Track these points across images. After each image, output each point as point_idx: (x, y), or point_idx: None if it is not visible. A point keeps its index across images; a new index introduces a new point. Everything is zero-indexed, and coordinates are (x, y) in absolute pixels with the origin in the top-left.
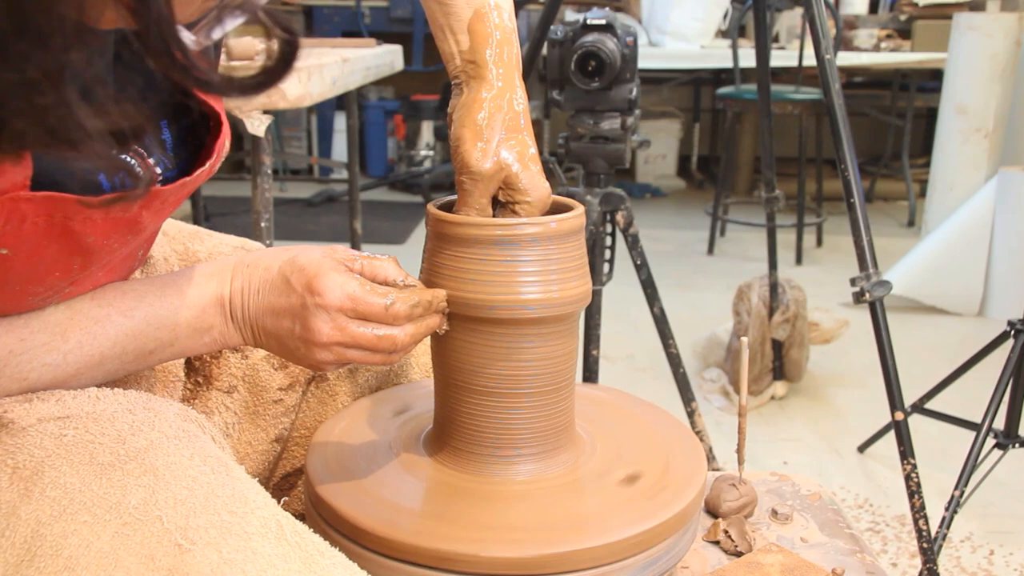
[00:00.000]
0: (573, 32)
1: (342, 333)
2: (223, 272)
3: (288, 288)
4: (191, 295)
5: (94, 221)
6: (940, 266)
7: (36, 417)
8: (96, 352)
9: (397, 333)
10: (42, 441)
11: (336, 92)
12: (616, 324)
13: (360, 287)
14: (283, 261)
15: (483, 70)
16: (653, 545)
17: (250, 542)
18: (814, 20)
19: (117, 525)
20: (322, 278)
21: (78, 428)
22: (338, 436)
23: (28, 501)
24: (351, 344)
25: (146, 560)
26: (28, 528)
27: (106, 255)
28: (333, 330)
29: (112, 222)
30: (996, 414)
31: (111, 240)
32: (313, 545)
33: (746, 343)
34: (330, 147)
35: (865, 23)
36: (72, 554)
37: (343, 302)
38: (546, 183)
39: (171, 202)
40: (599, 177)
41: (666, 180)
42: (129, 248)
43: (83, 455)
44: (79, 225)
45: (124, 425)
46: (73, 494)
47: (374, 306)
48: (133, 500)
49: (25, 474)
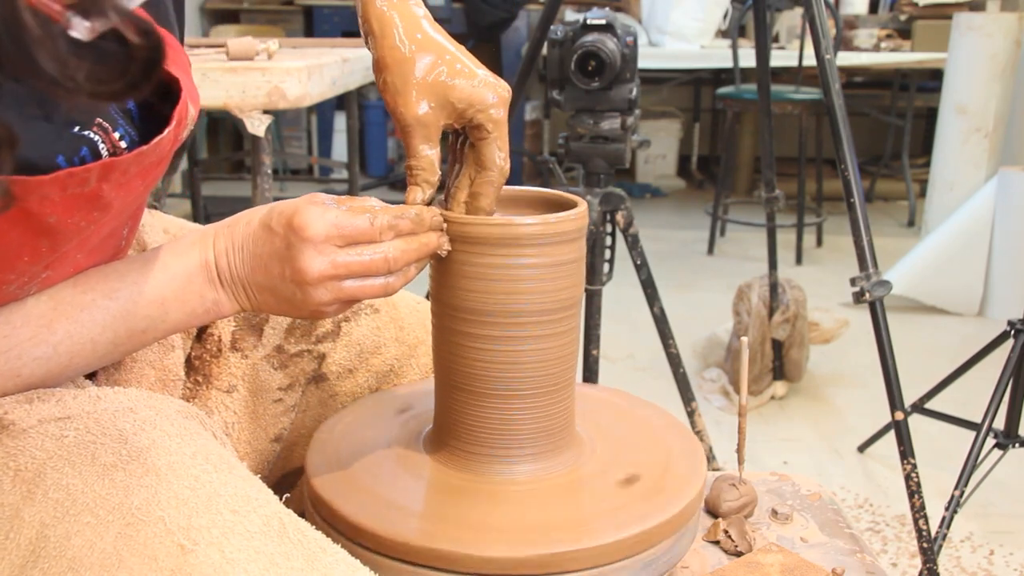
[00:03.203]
0: (573, 32)
1: (333, 265)
2: (204, 238)
3: (270, 234)
4: (175, 266)
5: (51, 200)
6: (940, 266)
7: (37, 418)
8: (87, 339)
9: (388, 250)
10: (43, 443)
11: (336, 92)
12: (616, 324)
13: (341, 213)
14: (263, 212)
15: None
16: (652, 545)
17: (252, 541)
18: (814, 20)
19: (120, 526)
20: (302, 213)
21: (79, 428)
22: (338, 436)
23: (31, 503)
24: (344, 274)
25: (149, 561)
26: (32, 530)
27: (75, 234)
28: (323, 264)
29: (71, 199)
30: (996, 414)
31: (75, 218)
32: (315, 542)
33: (746, 343)
34: (330, 147)
35: (865, 23)
36: (76, 555)
37: (328, 231)
38: (487, 74)
39: (133, 173)
40: (599, 177)
41: (666, 180)
42: (102, 227)
43: (85, 456)
44: (35, 205)
45: (126, 424)
46: (76, 495)
47: (359, 226)
48: (136, 501)
49: (27, 476)
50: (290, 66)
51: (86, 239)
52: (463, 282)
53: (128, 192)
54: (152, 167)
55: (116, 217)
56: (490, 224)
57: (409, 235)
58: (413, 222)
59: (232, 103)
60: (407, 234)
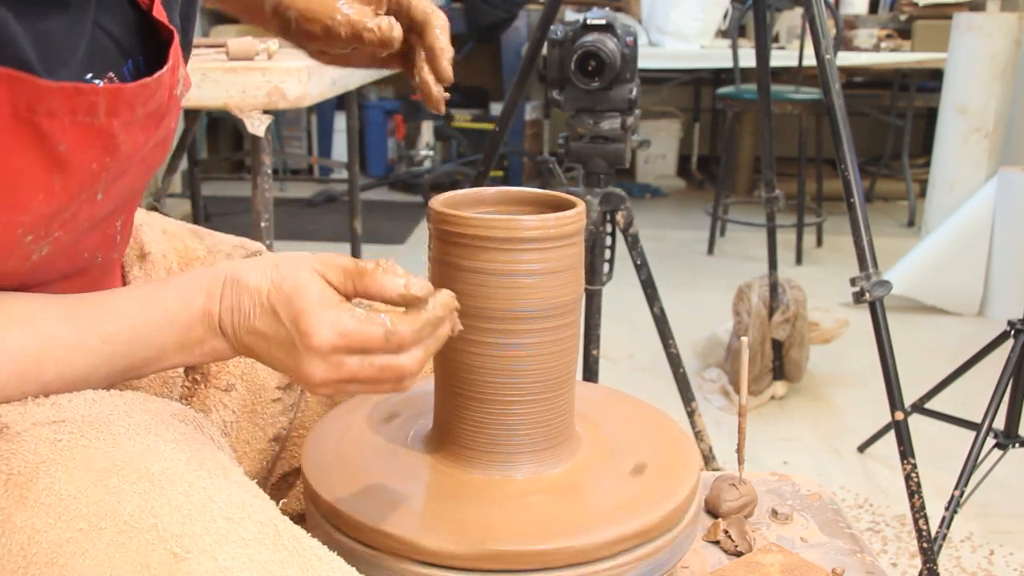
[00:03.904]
0: (573, 32)
1: (338, 371)
2: (212, 288)
3: (276, 321)
4: (176, 312)
5: (61, 121)
6: (940, 266)
7: (31, 421)
8: (79, 378)
9: (403, 360)
10: (37, 446)
11: (336, 92)
12: (616, 324)
13: (353, 319)
14: (271, 284)
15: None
16: (650, 541)
17: (247, 549)
18: (814, 20)
19: (112, 533)
20: (309, 317)
21: (73, 433)
22: (337, 434)
23: (23, 508)
24: (349, 380)
25: (141, 568)
26: (24, 535)
27: (87, 178)
28: (327, 370)
29: (81, 129)
30: (996, 414)
31: (86, 155)
32: (311, 550)
33: (746, 343)
34: (330, 147)
35: (865, 23)
36: (67, 563)
37: (335, 341)
38: None
39: (140, 116)
40: (599, 177)
41: (666, 180)
42: (110, 179)
43: (79, 461)
44: (46, 122)
45: (120, 429)
46: (68, 501)
47: (372, 338)
48: (128, 508)
49: (20, 480)
50: (290, 66)
51: (91, 188)
52: (462, 283)
53: (135, 139)
54: (156, 118)
55: (121, 177)
56: (489, 224)
57: (428, 338)
58: (432, 327)
59: (232, 103)
60: (427, 337)
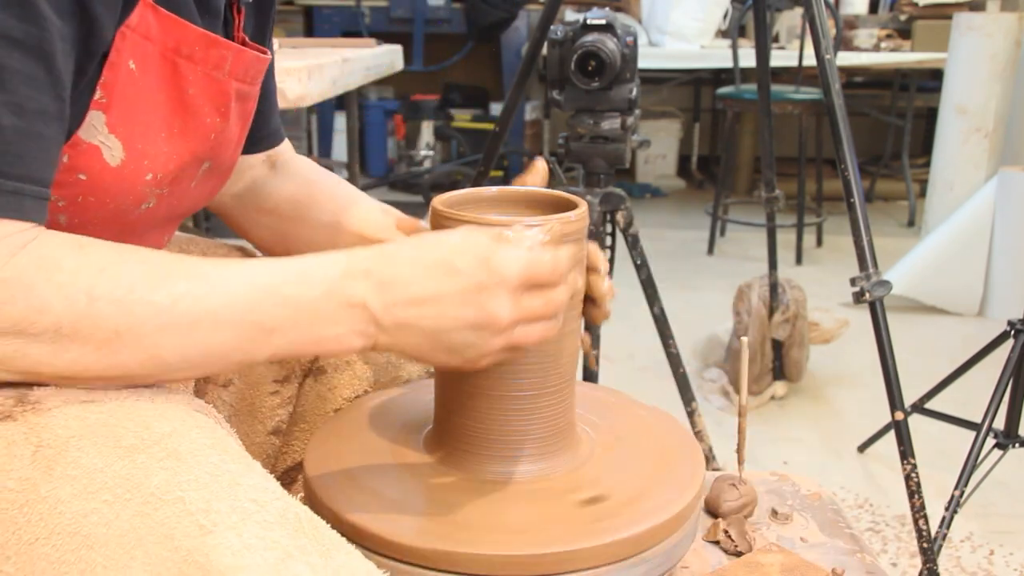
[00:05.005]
0: (573, 32)
1: (520, 310)
2: (351, 268)
3: (454, 273)
4: (317, 276)
5: (195, 68)
6: (940, 266)
7: (63, 399)
8: (209, 315)
9: (559, 295)
10: (68, 422)
11: (336, 92)
12: (616, 324)
13: (532, 255)
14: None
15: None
16: (652, 545)
17: (271, 531)
18: (814, 20)
19: (138, 504)
20: (500, 254)
21: (103, 412)
22: (336, 435)
23: (49, 479)
24: (526, 319)
25: (165, 539)
26: (47, 506)
27: (198, 139)
28: (514, 309)
29: (208, 82)
30: (996, 414)
31: (206, 108)
32: (331, 540)
33: (746, 343)
34: (330, 147)
35: (865, 23)
36: (91, 532)
37: (523, 275)
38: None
39: (249, 81)
40: (599, 177)
41: (666, 180)
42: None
43: (108, 437)
44: (184, 65)
45: (148, 413)
46: (94, 474)
47: (546, 270)
48: (156, 480)
49: (49, 453)
50: (290, 66)
51: (192, 177)
52: None
53: (231, 131)
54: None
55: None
56: (489, 225)
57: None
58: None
59: None
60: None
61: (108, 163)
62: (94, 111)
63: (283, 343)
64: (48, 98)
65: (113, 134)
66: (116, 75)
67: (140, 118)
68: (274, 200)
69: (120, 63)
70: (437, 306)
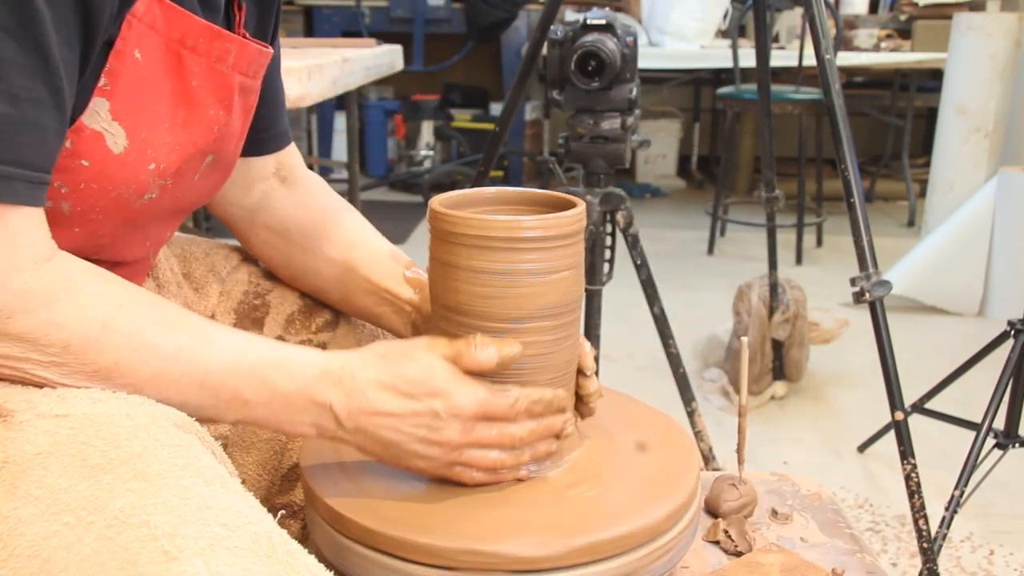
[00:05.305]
0: (573, 32)
1: (468, 435)
2: (329, 368)
3: (412, 399)
4: (298, 371)
5: (199, 60)
6: (940, 266)
7: (35, 412)
8: (200, 371)
9: (516, 430)
10: (36, 438)
11: (336, 92)
12: (616, 324)
13: (486, 390)
14: (395, 376)
15: None
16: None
17: (240, 557)
18: (814, 20)
19: (101, 527)
20: (456, 394)
21: (73, 428)
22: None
23: (11, 498)
24: (478, 444)
25: (128, 565)
26: (7, 526)
27: (201, 130)
28: (462, 434)
29: (211, 75)
30: (996, 414)
31: (208, 101)
32: (306, 567)
33: (746, 343)
34: (330, 147)
35: (865, 23)
36: (51, 556)
37: (476, 411)
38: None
39: (252, 75)
40: (599, 177)
41: (666, 180)
42: (209, 160)
43: (75, 456)
44: (188, 57)
45: (120, 429)
46: (58, 494)
47: (501, 407)
48: (120, 503)
49: (14, 470)
50: (290, 66)
51: (196, 169)
52: (462, 284)
53: (233, 126)
54: (249, 97)
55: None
56: (489, 224)
57: (539, 416)
58: (545, 407)
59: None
60: (537, 416)
61: (111, 150)
62: (98, 98)
63: (252, 416)
64: (44, 87)
65: (116, 121)
66: (121, 63)
67: (144, 107)
68: (283, 220)
69: (126, 51)
70: (393, 420)
